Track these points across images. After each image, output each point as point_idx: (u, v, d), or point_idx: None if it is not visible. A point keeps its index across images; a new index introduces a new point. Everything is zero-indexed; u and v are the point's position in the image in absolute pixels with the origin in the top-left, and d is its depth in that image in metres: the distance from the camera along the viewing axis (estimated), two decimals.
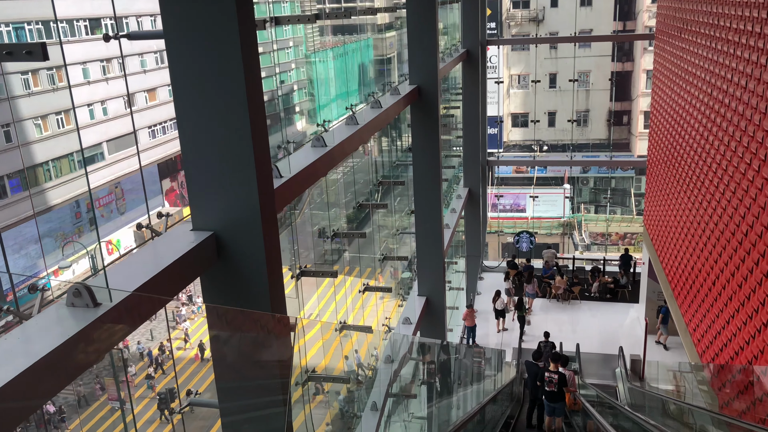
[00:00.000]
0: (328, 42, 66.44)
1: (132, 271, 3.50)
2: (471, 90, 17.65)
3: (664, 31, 15.50)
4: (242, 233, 3.98)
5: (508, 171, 40.44)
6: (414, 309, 10.97)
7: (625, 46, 39.64)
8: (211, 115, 3.82)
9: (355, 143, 6.95)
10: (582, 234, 37.50)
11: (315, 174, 5.75)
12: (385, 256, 11.51)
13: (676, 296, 13.37)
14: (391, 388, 9.56)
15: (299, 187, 5.34)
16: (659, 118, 16.28)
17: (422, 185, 10.89)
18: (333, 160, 6.19)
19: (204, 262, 3.92)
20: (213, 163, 3.90)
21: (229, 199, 3.94)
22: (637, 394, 14.11)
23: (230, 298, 4.10)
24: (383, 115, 8.10)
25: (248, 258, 4.01)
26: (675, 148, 13.93)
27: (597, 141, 39.77)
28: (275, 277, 4.15)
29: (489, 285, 20.73)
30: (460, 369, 13.39)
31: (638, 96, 38.97)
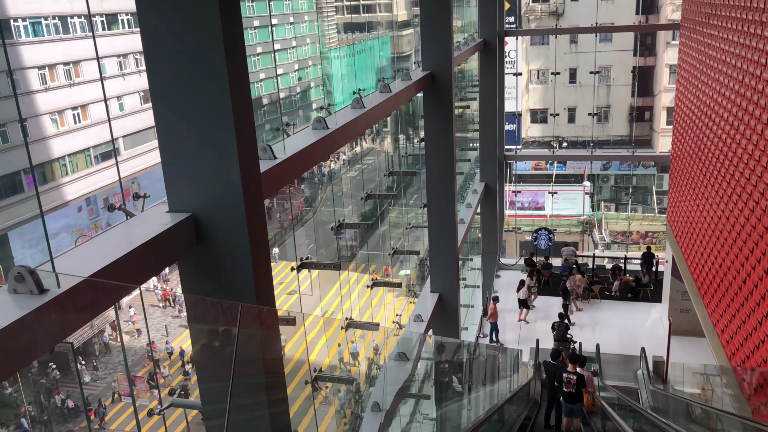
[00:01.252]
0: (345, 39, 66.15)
1: (93, 254, 3.10)
2: (488, 81, 17.13)
3: (691, 19, 14.86)
4: (223, 216, 3.57)
5: (527, 168, 39.76)
6: (426, 306, 10.52)
7: (647, 41, 38.73)
8: (187, 86, 3.42)
9: (361, 127, 6.52)
10: (602, 232, 36.72)
11: (314, 157, 5.33)
12: (395, 250, 11.08)
13: (702, 295, 12.76)
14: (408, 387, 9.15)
15: (295, 170, 4.93)
16: (684, 112, 15.64)
17: (435, 176, 10.43)
18: (335, 144, 5.77)
19: (181, 247, 3.52)
20: (190, 138, 3.49)
21: (209, 179, 3.54)
22: (660, 396, 13.57)
23: (212, 288, 3.69)
24: (392, 100, 7.65)
25: (231, 244, 3.60)
26: (702, 142, 13.32)
27: (618, 138, 38.90)
28: (261, 266, 3.74)
29: (506, 283, 20.21)
30: (476, 369, 13.01)
31: (661, 91, 38.05)
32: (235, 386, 3.80)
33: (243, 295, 3.67)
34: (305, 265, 6.15)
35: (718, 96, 12.09)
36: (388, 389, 8.33)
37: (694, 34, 14.33)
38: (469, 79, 19.11)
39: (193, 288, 3.71)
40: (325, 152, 5.55)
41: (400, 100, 8.18)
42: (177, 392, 24.53)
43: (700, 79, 13.76)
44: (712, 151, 12.35)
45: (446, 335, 11.19)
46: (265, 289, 3.79)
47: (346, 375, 24.53)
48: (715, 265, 11.76)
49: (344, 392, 24.11)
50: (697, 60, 14.05)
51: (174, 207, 3.60)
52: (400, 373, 8.91)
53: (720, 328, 11.23)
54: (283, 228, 47.75)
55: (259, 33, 51.95)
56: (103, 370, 31.36)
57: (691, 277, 13.91)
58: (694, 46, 14.45)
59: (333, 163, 57.50)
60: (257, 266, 3.67)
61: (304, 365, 29.22)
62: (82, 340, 31.76)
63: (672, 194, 17.36)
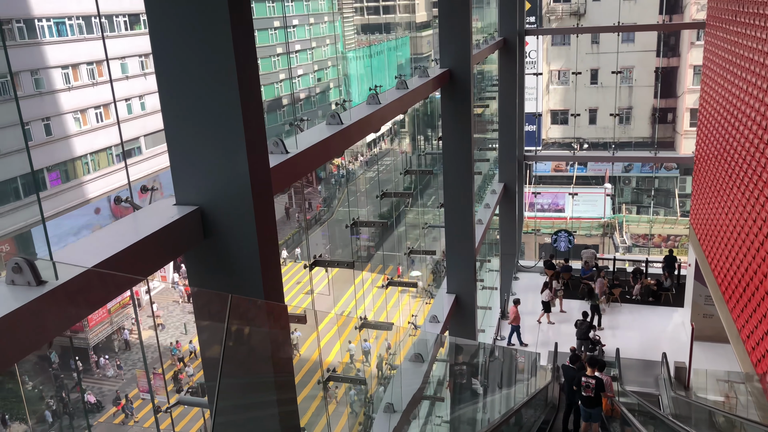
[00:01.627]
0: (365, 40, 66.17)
1: (97, 245, 3.02)
2: (508, 81, 16.91)
3: (717, 17, 14.54)
4: (231, 210, 3.48)
5: (547, 170, 39.36)
6: (442, 307, 10.37)
7: (670, 41, 38.14)
8: (194, 77, 3.33)
9: (376, 123, 6.40)
10: (623, 236, 36.21)
11: (327, 152, 5.22)
12: (411, 250, 10.95)
13: (727, 300, 12.45)
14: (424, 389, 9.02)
15: (307, 165, 4.83)
16: (709, 112, 15.31)
17: (453, 175, 10.28)
18: (349, 139, 5.66)
19: (187, 240, 3.43)
20: (197, 130, 3.41)
21: (216, 172, 3.45)
22: (681, 403, 13.28)
23: (219, 283, 3.60)
24: (409, 96, 7.53)
25: (238, 238, 3.50)
26: (728, 143, 13.00)
27: (640, 139, 38.33)
28: (270, 262, 3.63)
29: (524, 285, 19.97)
30: (493, 371, 12.87)
31: (684, 92, 37.43)
32: (239, 384, 3.70)
33: (251, 290, 3.57)
34: (318, 263, 6.06)
35: (745, 96, 11.79)
36: (402, 391, 8.21)
37: (720, 32, 14.01)
38: (489, 80, 18.93)
39: (201, 282, 3.63)
40: (338, 148, 5.44)
41: (417, 96, 8.05)
42: (186, 390, 24.58)
43: (726, 78, 13.44)
44: (738, 153, 12.05)
45: (463, 337, 11.03)
46: (273, 285, 3.69)
47: (357, 376, 24.49)
48: (741, 269, 11.45)
49: (354, 391, 24.06)
50: (724, 59, 13.73)
51: (181, 200, 3.52)
52: (416, 374, 8.79)
53: (745, 334, 10.93)
54: (301, 228, 47.87)
55: (279, 34, 52.12)
56: (124, 367, 31.62)
57: (715, 281, 13.59)
58: (720, 45, 14.13)
59: (351, 164, 57.57)
60: (266, 261, 3.58)
61: (317, 365, 29.27)
62: (102, 337, 32.08)
63: (695, 196, 17.01)
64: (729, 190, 12.77)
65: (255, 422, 3.88)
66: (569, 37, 38.88)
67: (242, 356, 3.70)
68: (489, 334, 16.93)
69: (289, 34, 53.95)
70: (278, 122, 49.84)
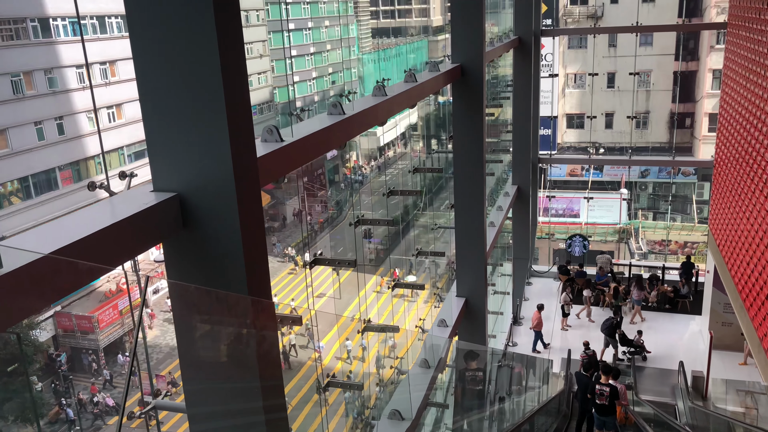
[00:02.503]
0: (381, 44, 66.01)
1: (61, 231, 2.74)
2: (523, 81, 16.55)
3: (739, 16, 14.10)
4: (212, 199, 3.19)
5: (562, 174, 38.85)
6: (451, 310, 10.02)
7: (689, 45, 37.53)
8: (173, 53, 3.05)
9: (382, 115, 6.10)
10: (639, 242, 35.58)
11: (327, 142, 4.93)
12: (419, 251, 10.63)
13: (748, 308, 11.99)
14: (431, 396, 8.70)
15: (304, 155, 4.54)
16: (730, 114, 14.86)
17: (463, 175, 9.95)
18: (351, 130, 5.36)
19: (164, 229, 3.14)
20: (175, 110, 3.12)
21: (196, 157, 3.16)
22: (699, 414, 12.82)
23: (200, 277, 3.31)
24: (417, 89, 7.22)
25: (220, 230, 3.21)
26: (750, 145, 12.56)
27: (657, 144, 37.70)
28: (255, 257, 3.34)
29: (537, 291, 19.55)
30: (505, 378, 12.57)
31: (703, 97, 36.78)
32: (221, 389, 3.41)
33: (234, 285, 3.27)
34: (318, 261, 5.76)
35: (765, 103, 11.36)
36: (407, 397, 7.89)
37: (743, 31, 13.57)
38: (503, 83, 18.56)
39: (180, 275, 3.34)
40: (338, 138, 5.14)
41: (427, 90, 7.74)
42: (164, 394, 24.22)
43: (749, 79, 13.00)
44: (761, 155, 11.60)
45: (472, 342, 10.68)
46: (259, 281, 3.39)
47: (355, 381, 24.19)
48: (763, 275, 11.00)
49: (349, 394, 23.72)
50: (746, 59, 13.29)
51: (159, 186, 3.23)
52: (422, 380, 8.46)
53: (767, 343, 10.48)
54: (313, 230, 47.70)
55: (294, 36, 52.05)
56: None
57: (735, 288, 13.13)
58: (743, 44, 13.69)
59: (363, 168, 57.37)
60: (250, 256, 3.28)
61: (318, 368, 28.84)
62: (113, 338, 32.01)
63: (714, 201, 16.54)
64: (751, 194, 12.32)
65: (245, 429, 3.57)
66: (586, 40, 38.38)
67: (223, 357, 3.41)
68: (500, 340, 16.54)
69: (305, 36, 53.92)
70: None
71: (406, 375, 8.68)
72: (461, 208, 10.06)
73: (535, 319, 16.43)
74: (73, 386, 29.21)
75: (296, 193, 50.42)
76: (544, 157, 20.34)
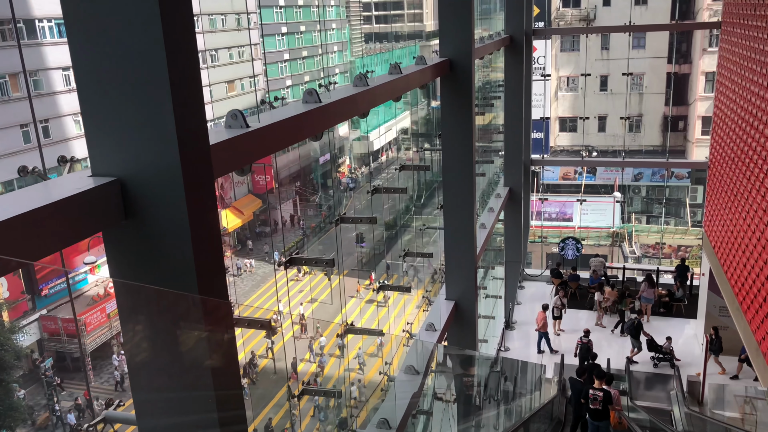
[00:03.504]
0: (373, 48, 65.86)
1: None
2: (514, 80, 16.26)
3: (734, 13, 13.86)
4: (156, 187, 2.83)
5: (555, 178, 38.60)
6: (440, 314, 9.67)
7: (682, 47, 37.42)
8: (108, 22, 2.69)
9: (361, 106, 5.76)
10: (632, 246, 35.35)
11: (299, 130, 4.58)
12: (406, 252, 10.28)
13: (745, 311, 11.69)
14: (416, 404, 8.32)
15: (273, 143, 4.19)
16: (725, 113, 14.61)
17: (452, 173, 9.61)
18: (326, 120, 5.02)
19: (102, 217, 2.78)
20: (114, 86, 2.76)
21: (138, 140, 2.81)
22: (695, 420, 12.51)
23: (145, 273, 2.94)
24: (402, 81, 6.88)
25: (166, 221, 2.85)
26: (747, 145, 12.28)
27: (650, 147, 37.52)
28: (207, 252, 2.98)
29: (530, 294, 19.22)
30: (497, 383, 12.26)
31: (696, 100, 36.66)
32: (172, 399, 3.03)
33: (183, 284, 2.91)
34: (294, 261, 5.40)
35: (763, 102, 11.10)
36: (392, 405, 7.52)
37: (738, 28, 13.33)
38: (495, 85, 18.28)
39: (123, 271, 2.97)
40: (313, 127, 4.79)
41: (412, 83, 7.41)
42: (116, 404, 23.58)
43: (744, 77, 12.74)
44: (758, 154, 11.32)
45: (463, 347, 10.32)
46: (213, 280, 3.02)
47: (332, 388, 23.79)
48: (761, 277, 10.71)
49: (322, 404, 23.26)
50: (741, 57, 13.04)
51: (97, 170, 2.87)
52: (410, 387, 8.10)
53: (766, 347, 10.17)
54: (306, 235, 47.31)
55: (287, 39, 51.72)
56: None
57: (732, 291, 12.83)
58: (738, 42, 13.44)
59: (355, 174, 57.06)
60: (201, 251, 2.92)
61: (297, 374, 28.31)
62: (100, 342, 31.47)
63: (710, 203, 16.27)
64: (747, 194, 12.04)
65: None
66: (578, 43, 38.25)
67: (175, 365, 3.04)
68: (492, 345, 16.19)
69: (297, 40, 53.66)
70: None
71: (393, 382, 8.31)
72: (450, 208, 9.73)
73: (540, 320, 16.08)
74: (56, 392, 28.62)
75: (288, 197, 50.04)
76: (536, 160, 20.05)
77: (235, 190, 47.38)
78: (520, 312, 18.08)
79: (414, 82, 7.44)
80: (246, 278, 41.46)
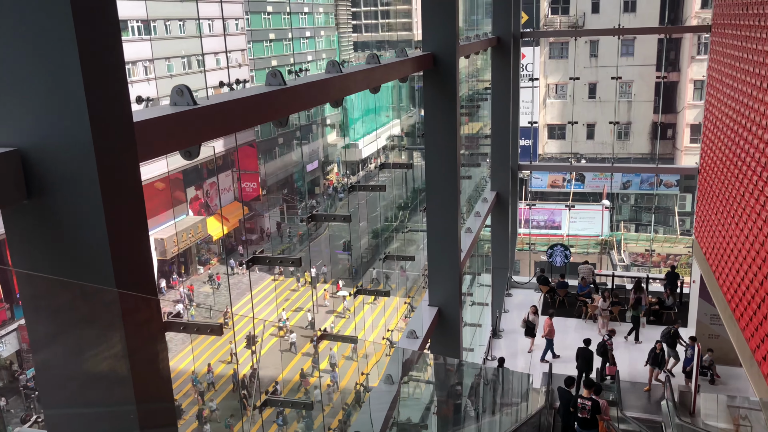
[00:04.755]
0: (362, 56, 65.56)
1: None
2: (501, 83, 15.91)
3: (725, 14, 13.60)
4: (64, 163, 2.38)
5: (543, 185, 38.36)
6: (422, 321, 9.21)
7: (671, 55, 37.39)
8: None
9: (333, 92, 5.32)
10: (621, 254, 35.10)
11: (257, 113, 4.13)
12: (386, 255, 9.85)
13: (738, 318, 11.33)
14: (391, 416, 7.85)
15: (223, 123, 3.73)
16: (716, 116, 14.32)
17: (436, 173, 9.20)
18: (292, 104, 4.57)
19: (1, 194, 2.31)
20: (11, 41, 2.31)
21: (40, 106, 2.36)
22: (687, 431, 12.09)
23: (53, 263, 2.47)
24: (379, 71, 6.46)
25: (75, 203, 2.40)
26: (739, 147, 11.97)
27: (639, 156, 37.37)
28: (126, 243, 2.52)
29: (518, 302, 18.79)
30: (482, 395, 11.82)
31: (685, 108, 36.59)
32: (93, 413, 2.56)
33: (97, 278, 2.44)
34: (256, 260, 4.94)
35: (755, 102, 10.79)
36: (368, 417, 7.05)
37: (730, 29, 13.06)
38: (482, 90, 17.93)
39: (26, 261, 2.50)
40: (275, 110, 4.34)
41: (391, 74, 6.99)
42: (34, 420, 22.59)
43: (735, 78, 12.46)
44: (752, 158, 11.00)
45: (446, 355, 9.87)
46: (134, 276, 2.56)
47: (303, 398, 23.24)
48: (755, 283, 10.35)
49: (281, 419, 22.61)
50: (733, 60, 12.77)
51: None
52: (386, 398, 7.63)
53: (760, 355, 9.80)
54: (292, 243, 46.75)
55: (274, 46, 51.35)
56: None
57: (724, 298, 12.48)
58: (728, 44, 13.17)
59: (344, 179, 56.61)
60: (119, 242, 2.46)
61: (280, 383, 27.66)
62: None
63: (700, 208, 15.97)
64: (741, 198, 11.71)
65: None
66: (567, 50, 38.12)
67: (91, 372, 2.57)
68: (479, 354, 15.74)
69: (286, 47, 53.30)
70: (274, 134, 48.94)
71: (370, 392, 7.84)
72: (434, 209, 9.30)
73: (546, 326, 15.59)
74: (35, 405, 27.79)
75: (276, 204, 49.49)
76: (524, 165, 19.70)
77: (221, 197, 46.76)
78: (507, 320, 17.65)
79: (393, 73, 7.03)
80: (233, 286, 40.88)
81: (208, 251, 43.79)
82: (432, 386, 9.06)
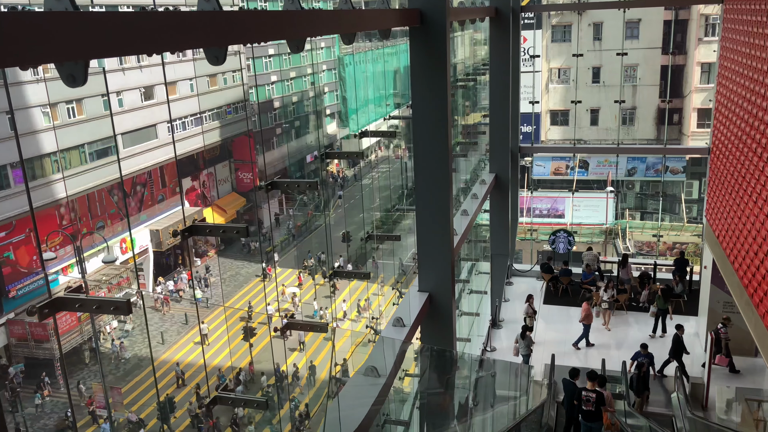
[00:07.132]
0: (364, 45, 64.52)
1: None
2: (500, 58, 14.98)
3: None
4: None
5: (546, 173, 37.39)
6: (409, 308, 8.36)
7: (677, 38, 36.29)
8: None
9: (286, 29, 4.44)
10: (626, 242, 34.18)
11: (173, 32, 3.26)
12: (369, 235, 9.02)
13: (757, 305, 10.44)
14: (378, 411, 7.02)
15: (123, 39, 2.86)
16: (728, 97, 13.40)
17: (424, 146, 8.32)
18: (225, 31, 3.69)
19: None
20: None
21: None
22: (700, 426, 11.31)
23: None
24: (351, 15, 5.57)
25: None
26: (760, 120, 11.05)
27: (644, 141, 36.36)
28: None
29: (520, 291, 17.92)
30: (483, 387, 11.10)
31: (692, 92, 35.53)
32: None
33: None
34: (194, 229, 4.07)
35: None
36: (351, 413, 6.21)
37: (744, 5, 12.11)
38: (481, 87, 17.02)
39: None
40: (205, 36, 3.47)
41: (367, 23, 6.11)
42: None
43: (751, 57, 11.53)
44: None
45: (437, 344, 9.02)
46: None
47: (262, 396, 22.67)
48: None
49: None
50: (748, 33, 11.83)
51: None
52: (369, 391, 6.79)
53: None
54: (291, 235, 45.94)
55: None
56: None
57: (740, 283, 11.58)
58: (743, 20, 12.23)
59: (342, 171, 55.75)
60: None
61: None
62: (69, 347, 30.00)
63: (712, 190, 15.07)
64: (760, 175, 10.81)
65: None
66: (570, 34, 37.08)
67: None
68: (477, 345, 14.90)
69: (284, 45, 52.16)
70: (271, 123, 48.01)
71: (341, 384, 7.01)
72: (423, 186, 8.44)
73: (584, 311, 14.85)
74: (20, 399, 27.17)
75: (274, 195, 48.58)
76: (525, 147, 18.79)
77: (219, 188, 45.95)
78: (507, 309, 16.79)
79: (370, 21, 6.14)
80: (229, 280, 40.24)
81: (206, 243, 43.05)
82: (419, 379, 8.23)
